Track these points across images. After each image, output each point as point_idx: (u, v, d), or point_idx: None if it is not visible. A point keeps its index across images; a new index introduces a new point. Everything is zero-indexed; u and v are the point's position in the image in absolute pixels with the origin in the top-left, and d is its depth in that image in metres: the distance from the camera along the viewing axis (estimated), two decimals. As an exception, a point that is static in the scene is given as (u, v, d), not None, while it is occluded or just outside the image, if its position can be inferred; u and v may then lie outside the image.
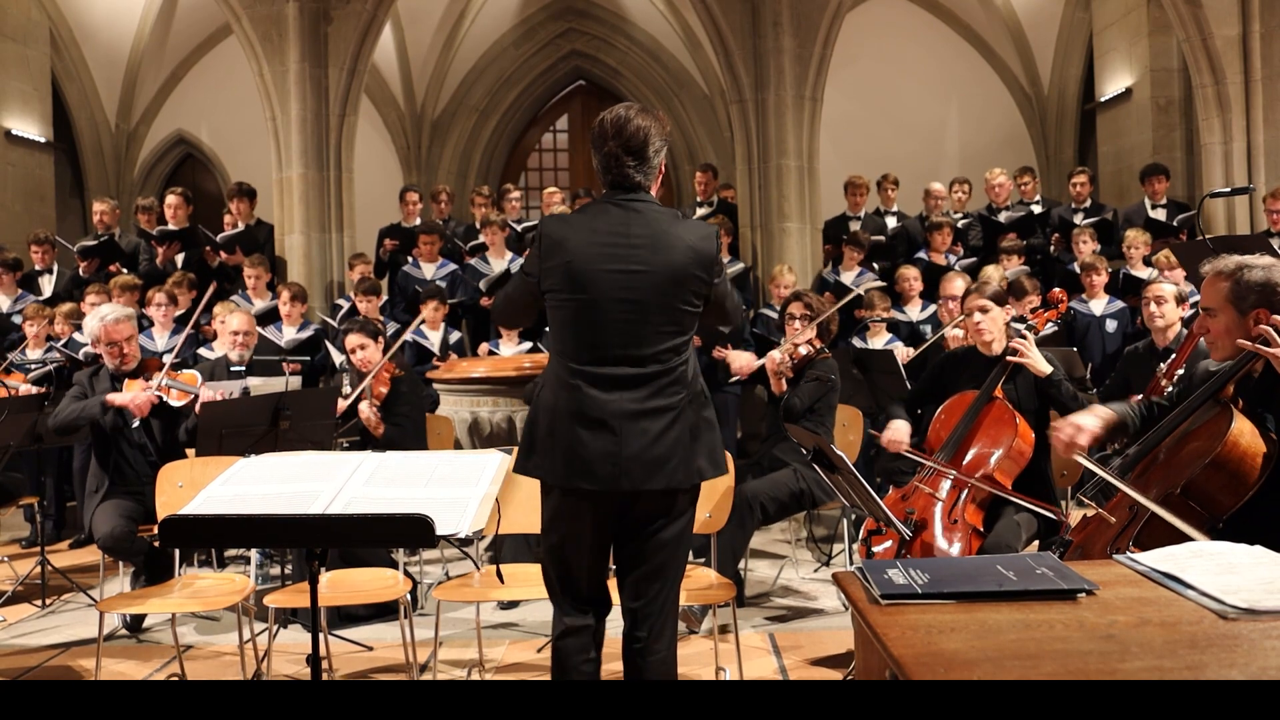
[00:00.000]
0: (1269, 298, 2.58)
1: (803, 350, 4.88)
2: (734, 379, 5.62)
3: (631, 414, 2.55)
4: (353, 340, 5.02)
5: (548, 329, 2.72)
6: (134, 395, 4.60)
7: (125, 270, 7.73)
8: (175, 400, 4.68)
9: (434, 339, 7.04)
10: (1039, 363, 3.81)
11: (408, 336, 6.95)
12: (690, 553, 2.89)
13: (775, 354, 4.91)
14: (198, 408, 4.54)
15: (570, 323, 2.60)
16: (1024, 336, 3.89)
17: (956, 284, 5.80)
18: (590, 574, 2.70)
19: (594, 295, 2.56)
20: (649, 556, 2.66)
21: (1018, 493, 3.69)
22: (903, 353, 6.49)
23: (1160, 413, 2.95)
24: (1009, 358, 3.86)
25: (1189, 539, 2.43)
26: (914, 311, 7.21)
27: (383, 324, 6.10)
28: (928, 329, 6.93)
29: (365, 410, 4.85)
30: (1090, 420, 2.87)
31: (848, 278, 7.72)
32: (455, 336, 7.31)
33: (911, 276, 7.22)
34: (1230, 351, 2.66)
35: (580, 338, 2.59)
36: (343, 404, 4.87)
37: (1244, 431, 2.51)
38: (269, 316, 7.24)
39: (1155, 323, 4.91)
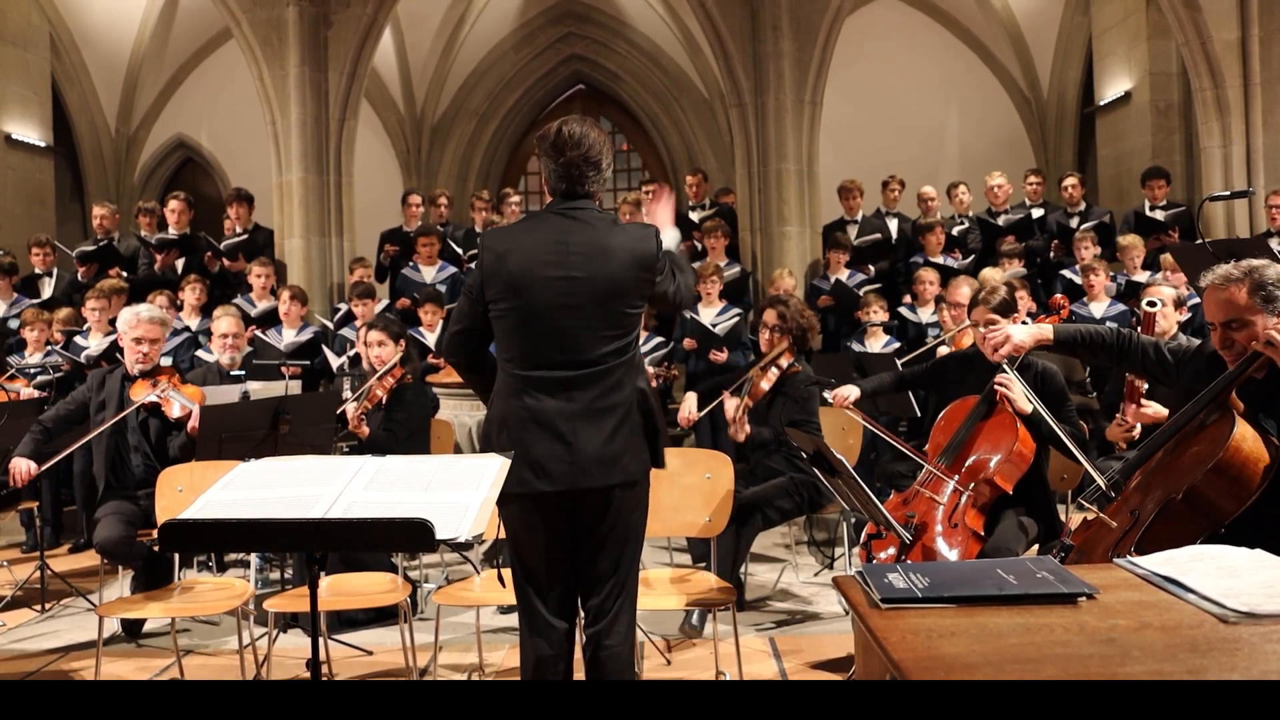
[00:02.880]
0: None
1: (764, 386, 4.77)
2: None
3: (582, 414, 2.63)
4: (374, 335, 4.92)
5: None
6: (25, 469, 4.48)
7: (124, 275, 7.73)
8: (176, 412, 4.65)
9: (432, 340, 7.04)
10: (1020, 401, 3.71)
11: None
12: (691, 559, 2.89)
13: (730, 405, 4.70)
14: (192, 424, 4.51)
15: (514, 330, 2.68)
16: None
17: (963, 290, 5.79)
18: (550, 580, 2.76)
19: (535, 301, 2.64)
20: (599, 555, 2.74)
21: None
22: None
23: (1135, 346, 3.04)
24: (996, 385, 3.76)
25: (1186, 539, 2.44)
26: (925, 314, 7.23)
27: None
28: (936, 331, 6.94)
29: (351, 410, 4.71)
30: (1019, 332, 3.14)
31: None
32: None
33: (928, 280, 7.24)
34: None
35: (524, 344, 2.67)
36: (350, 408, 4.81)
37: (1246, 437, 2.49)
38: (269, 319, 7.24)
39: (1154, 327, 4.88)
